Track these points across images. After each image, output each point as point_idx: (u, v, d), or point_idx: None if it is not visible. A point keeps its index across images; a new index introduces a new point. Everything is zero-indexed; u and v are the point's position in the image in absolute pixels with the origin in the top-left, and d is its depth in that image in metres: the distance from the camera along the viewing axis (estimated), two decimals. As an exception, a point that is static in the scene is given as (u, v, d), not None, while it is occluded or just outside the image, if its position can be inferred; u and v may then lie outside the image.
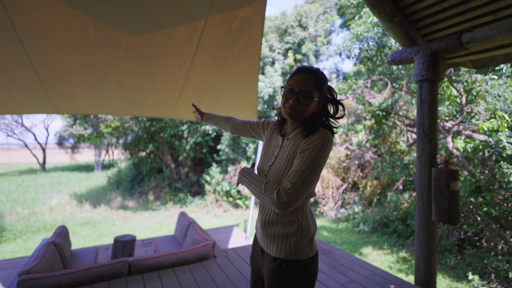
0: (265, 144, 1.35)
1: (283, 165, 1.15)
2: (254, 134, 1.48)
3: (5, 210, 7.72)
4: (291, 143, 1.18)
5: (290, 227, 1.13)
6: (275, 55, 9.11)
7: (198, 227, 3.26)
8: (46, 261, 2.37)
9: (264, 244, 1.19)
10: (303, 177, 1.03)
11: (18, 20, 2.16)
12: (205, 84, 3.49)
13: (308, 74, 1.12)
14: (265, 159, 1.28)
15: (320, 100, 1.15)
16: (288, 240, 1.12)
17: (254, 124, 1.47)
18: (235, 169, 8.87)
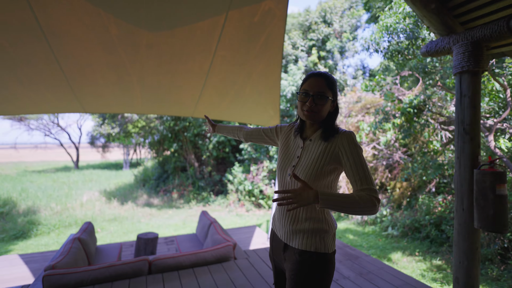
0: (282, 147, 1.38)
1: (310, 164, 1.20)
2: (268, 140, 1.53)
3: (40, 205, 8.18)
4: (315, 144, 1.24)
5: (319, 223, 1.20)
6: (298, 52, 8.92)
7: (219, 227, 3.21)
8: (71, 256, 2.41)
9: (290, 239, 1.23)
10: (370, 176, 1.13)
11: (43, 19, 2.21)
12: (226, 81, 3.43)
13: (319, 77, 1.21)
14: (287, 160, 1.30)
15: (334, 99, 1.24)
16: (317, 235, 1.19)
17: (267, 130, 1.52)
18: (257, 168, 8.80)
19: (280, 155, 1.36)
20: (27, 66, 2.71)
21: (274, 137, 1.50)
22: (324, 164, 1.18)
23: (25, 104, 3.46)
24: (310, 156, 1.22)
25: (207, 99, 3.82)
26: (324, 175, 1.19)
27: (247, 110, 4.29)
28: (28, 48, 2.48)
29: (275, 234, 1.34)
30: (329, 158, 1.18)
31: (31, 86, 3.04)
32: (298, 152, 1.28)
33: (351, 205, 1.07)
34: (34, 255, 4.01)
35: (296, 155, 1.28)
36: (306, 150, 1.26)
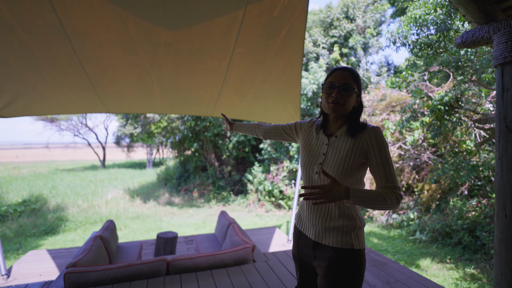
0: (304, 144, 1.35)
1: (339, 161, 1.17)
2: (287, 137, 1.50)
3: (69, 202, 8.54)
4: (342, 140, 1.21)
5: (352, 220, 1.19)
6: (319, 50, 8.72)
7: (237, 227, 3.14)
8: (92, 254, 2.43)
9: (323, 237, 1.21)
10: (395, 173, 1.14)
11: (66, 21, 2.24)
12: (245, 79, 3.36)
13: (344, 70, 1.20)
14: (312, 158, 1.27)
15: (358, 93, 1.21)
16: (351, 231, 1.18)
17: (286, 127, 1.49)
18: (277, 168, 8.69)
19: (304, 153, 1.31)
20: (52, 68, 2.79)
21: (293, 134, 1.46)
22: (353, 160, 1.16)
23: (52, 105, 3.58)
24: (338, 153, 1.19)
25: (226, 98, 3.77)
26: (354, 172, 1.17)
27: (267, 109, 4.20)
28: (53, 50, 2.54)
29: (301, 232, 1.32)
30: (358, 155, 1.16)
31: (57, 87, 3.13)
32: (323, 149, 1.24)
33: (379, 201, 1.07)
34: (61, 251, 4.15)
35: (321, 152, 1.25)
36: (332, 147, 1.22)
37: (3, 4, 2.04)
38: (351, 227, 1.18)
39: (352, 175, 1.17)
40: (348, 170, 1.16)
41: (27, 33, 2.32)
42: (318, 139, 1.29)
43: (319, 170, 1.21)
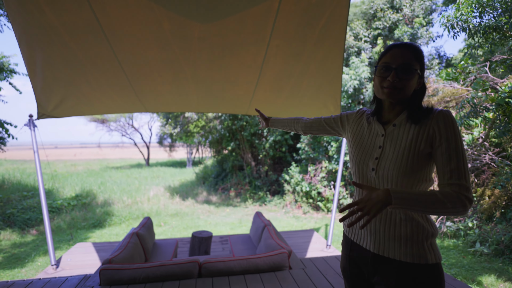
0: (354, 137, 1.16)
1: (402, 154, 0.97)
2: (331, 130, 1.33)
3: (115, 198, 9.08)
4: (403, 128, 1.01)
5: (421, 226, 0.98)
6: (361, 44, 8.21)
7: (273, 230, 2.98)
8: (128, 251, 2.44)
9: (385, 248, 1.01)
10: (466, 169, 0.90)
11: (103, 20, 2.27)
12: (281, 74, 3.19)
13: (403, 47, 0.99)
14: (365, 153, 1.08)
15: (421, 74, 1.01)
16: (422, 240, 0.97)
17: (330, 119, 1.32)
18: (315, 169, 8.36)
19: (354, 147, 1.12)
20: (93, 68, 2.87)
21: (338, 127, 1.27)
22: (418, 152, 0.96)
23: (96, 105, 3.74)
24: (399, 144, 0.99)
25: (261, 95, 3.63)
26: (420, 166, 0.96)
27: (304, 106, 3.98)
28: (93, 49, 2.61)
29: (354, 243, 1.13)
30: (423, 144, 0.96)
31: (99, 87, 3.24)
32: (379, 141, 1.05)
33: (433, 204, 0.86)
34: (104, 245, 4.35)
35: (376, 145, 1.06)
36: (390, 138, 1.03)
37: (46, 5, 2.11)
38: (422, 235, 0.97)
39: (417, 170, 0.96)
40: (413, 164, 0.95)
41: (69, 34, 2.39)
42: (371, 130, 1.10)
43: (375, 166, 1.03)
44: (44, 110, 3.68)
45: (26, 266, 4.56)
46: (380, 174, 1.01)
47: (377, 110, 1.10)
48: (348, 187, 8.09)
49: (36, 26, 2.33)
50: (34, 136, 3.85)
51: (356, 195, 1.12)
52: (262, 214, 3.75)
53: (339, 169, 4.37)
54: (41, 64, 2.81)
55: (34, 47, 2.59)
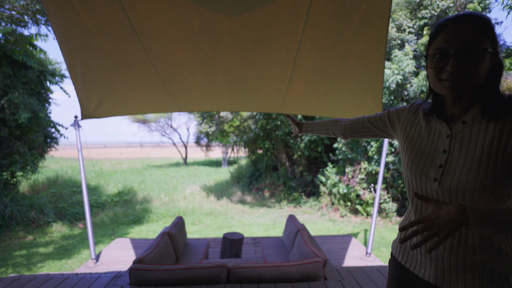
0: (408, 138, 0.93)
1: (476, 161, 0.73)
2: (377, 131, 1.10)
3: (153, 195, 9.45)
4: (477, 127, 0.77)
5: (502, 254, 0.74)
6: (404, 35, 7.60)
7: (307, 236, 2.79)
8: (158, 251, 2.43)
9: (451, 280, 0.79)
10: None
11: (134, 19, 2.26)
12: (316, 69, 2.98)
13: (462, 22, 0.74)
14: (424, 158, 0.85)
15: (494, 50, 0.75)
16: (507, 275, 0.74)
17: (375, 118, 1.09)
18: (354, 170, 7.92)
19: (409, 152, 0.90)
20: (128, 68, 2.92)
21: (386, 126, 1.04)
22: (503, 157, 0.71)
23: (132, 105, 3.84)
24: (472, 147, 0.76)
25: (295, 92, 3.46)
26: (505, 176, 0.71)
27: (342, 103, 3.72)
28: (126, 50, 2.64)
29: (406, 269, 0.91)
30: (508, 146, 0.71)
31: (134, 87, 3.31)
32: (444, 143, 0.82)
33: None
34: (140, 241, 4.47)
35: (440, 149, 0.83)
36: (459, 139, 0.79)
37: (81, 8, 2.16)
38: (505, 265, 0.74)
39: (502, 182, 0.71)
40: (495, 174, 0.71)
41: (103, 35, 2.44)
42: (431, 129, 0.87)
43: (439, 176, 0.80)
44: (86, 111, 3.87)
45: (72, 257, 4.87)
46: (446, 186, 0.78)
47: (436, 105, 0.87)
48: (390, 190, 7.55)
49: (73, 29, 2.40)
50: (79, 135, 4.07)
51: (413, 210, 0.89)
52: (295, 217, 3.57)
53: (380, 171, 4.04)
54: (80, 66, 2.93)
55: (73, 50, 2.69)
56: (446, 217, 0.64)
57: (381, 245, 5.39)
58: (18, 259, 4.85)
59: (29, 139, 6.83)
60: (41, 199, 7.33)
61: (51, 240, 5.89)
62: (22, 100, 6.09)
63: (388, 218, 7.41)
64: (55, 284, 2.08)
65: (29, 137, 6.81)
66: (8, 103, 5.97)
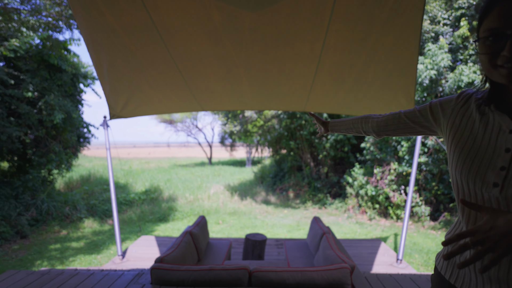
0: (457, 134, 0.78)
1: None
2: (417, 127, 0.94)
3: (178, 194, 9.63)
4: None
5: None
6: (439, 28, 7.13)
7: (332, 239, 2.65)
8: (180, 251, 2.41)
9: None
10: None
11: (157, 17, 2.26)
12: (343, 64, 2.83)
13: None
14: (481, 158, 0.71)
15: None
16: None
17: (414, 112, 0.93)
18: (382, 171, 7.56)
19: (458, 150, 0.76)
20: (151, 68, 2.95)
21: (428, 121, 0.89)
22: None
23: (156, 105, 3.89)
24: None
25: (320, 89, 3.32)
26: None
27: (370, 100, 3.53)
28: (149, 49, 2.66)
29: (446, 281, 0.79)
30: None
31: (157, 87, 3.34)
32: (507, 140, 0.68)
33: None
34: (165, 239, 4.53)
35: (501, 147, 0.68)
36: None
37: (105, 8, 2.19)
38: None
39: None
40: None
41: (127, 34, 2.46)
42: (488, 123, 0.73)
43: (501, 181, 0.67)
44: (114, 111, 3.97)
45: (101, 253, 5.05)
46: (510, 193, 0.65)
47: (494, 94, 0.73)
48: (422, 193, 7.12)
49: (99, 30, 2.45)
50: (107, 135, 4.20)
51: (465, 220, 0.75)
52: (320, 219, 3.42)
53: (412, 172, 3.79)
54: (107, 67, 2.99)
55: (99, 51, 2.76)
56: (505, 228, 0.52)
57: (413, 251, 5.08)
58: (52, 252, 5.11)
59: (64, 139, 7.21)
60: (75, 196, 7.72)
61: (83, 235, 6.16)
62: (57, 101, 6.43)
63: (420, 223, 6.99)
64: (80, 280, 2.13)
65: (64, 137, 7.19)
66: (45, 105, 6.33)
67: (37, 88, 6.34)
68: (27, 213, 6.29)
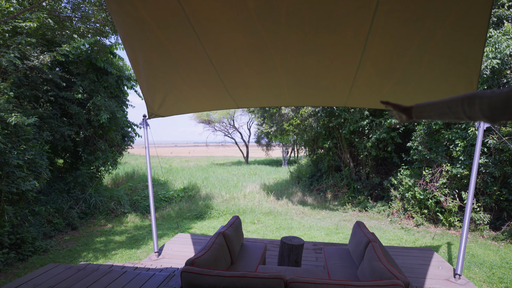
0: None
1: None
2: None
3: (215, 192, 9.72)
4: None
5: None
6: (502, 11, 6.27)
7: (380, 249, 2.35)
8: (212, 253, 2.30)
9: None
10: None
11: (188, 8, 2.16)
12: (392, 51, 2.51)
13: None
14: None
15: None
16: None
17: None
18: (433, 173, 6.86)
19: None
20: (185, 63, 2.89)
21: None
22: None
23: (192, 102, 3.86)
24: None
25: (364, 80, 3.00)
26: None
27: (422, 92, 3.13)
28: (181, 42, 2.58)
29: None
30: None
31: (191, 83, 3.28)
32: None
33: None
34: (200, 237, 4.51)
35: None
36: None
37: (138, 1, 2.14)
38: None
39: None
40: None
41: (160, 29, 2.41)
42: None
43: None
44: (152, 109, 4.03)
45: (141, 248, 5.20)
46: None
47: None
48: (480, 198, 6.31)
49: (133, 25, 2.43)
50: (146, 134, 4.27)
51: None
52: (364, 224, 3.11)
53: (472, 174, 3.31)
54: (142, 64, 3.00)
55: (134, 48, 2.75)
56: None
57: (472, 264, 4.47)
58: (97, 245, 5.39)
59: (109, 138, 7.63)
60: (119, 192, 8.13)
61: (126, 229, 6.44)
62: (103, 102, 6.79)
63: (478, 231, 6.21)
64: (113, 278, 2.11)
65: (109, 136, 7.60)
66: (92, 106, 6.73)
67: (86, 90, 6.76)
68: (77, 207, 6.74)
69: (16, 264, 4.31)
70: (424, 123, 7.08)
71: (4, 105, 4.07)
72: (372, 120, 8.67)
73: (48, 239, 5.49)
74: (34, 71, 5.39)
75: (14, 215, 4.23)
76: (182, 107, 4.04)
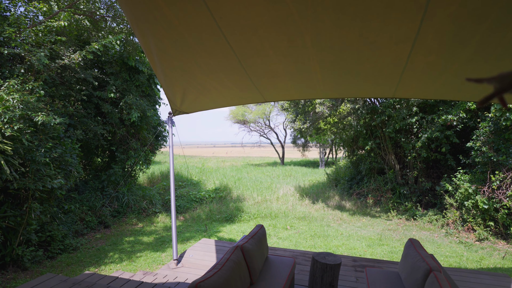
0: None
1: None
2: None
3: (247, 194, 9.35)
4: None
5: None
6: None
7: (446, 282, 1.74)
8: (223, 274, 1.87)
9: None
10: None
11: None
12: (463, 16, 1.87)
13: None
14: None
15: None
16: None
17: None
18: (501, 178, 5.76)
19: None
20: (200, 47, 2.51)
21: None
22: None
23: (215, 96, 3.51)
24: None
25: (420, 62, 2.38)
26: None
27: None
28: (193, 20, 2.21)
29: None
30: None
31: (211, 73, 2.91)
32: None
33: None
34: (225, 244, 4.13)
35: None
36: None
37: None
38: None
39: None
40: None
41: (167, 5, 2.05)
42: None
43: None
44: (175, 106, 3.75)
45: (166, 251, 4.98)
46: None
47: None
48: None
49: (140, 8, 2.11)
50: (171, 131, 4.02)
51: None
52: (420, 244, 2.46)
53: None
54: (156, 52, 2.69)
55: (145, 32, 2.44)
56: None
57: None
58: (125, 245, 5.29)
59: (141, 137, 7.64)
60: (151, 191, 8.13)
61: (155, 230, 6.33)
62: (135, 101, 6.78)
63: None
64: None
65: (141, 135, 7.61)
66: (124, 105, 6.75)
67: (119, 89, 6.81)
68: (110, 205, 6.81)
69: (44, 262, 4.31)
70: (489, 119, 6.00)
71: (33, 104, 4.07)
72: (422, 117, 7.66)
73: (80, 237, 5.54)
74: (68, 70, 5.47)
75: (43, 213, 4.23)
76: (205, 102, 3.72)
